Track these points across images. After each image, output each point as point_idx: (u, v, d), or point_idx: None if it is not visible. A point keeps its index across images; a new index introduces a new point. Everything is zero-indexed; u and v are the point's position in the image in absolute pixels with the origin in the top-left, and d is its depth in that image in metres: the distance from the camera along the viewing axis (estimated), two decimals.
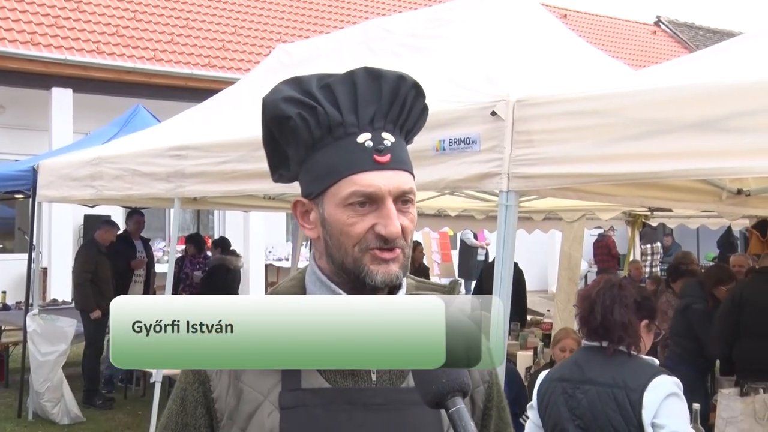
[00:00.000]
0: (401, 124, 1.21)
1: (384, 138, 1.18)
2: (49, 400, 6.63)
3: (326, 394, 1.16)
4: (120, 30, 12.28)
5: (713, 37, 20.78)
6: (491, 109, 3.05)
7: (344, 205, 1.16)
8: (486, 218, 7.63)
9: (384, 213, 1.16)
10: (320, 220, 1.21)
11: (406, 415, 1.16)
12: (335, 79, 1.19)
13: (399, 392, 1.18)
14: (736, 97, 2.49)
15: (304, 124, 1.17)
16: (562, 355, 4.78)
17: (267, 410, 1.16)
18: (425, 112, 1.27)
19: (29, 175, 6.89)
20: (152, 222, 13.10)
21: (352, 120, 1.17)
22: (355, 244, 1.17)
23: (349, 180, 1.16)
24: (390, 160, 1.17)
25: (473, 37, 4.06)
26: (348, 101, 1.18)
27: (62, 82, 11.28)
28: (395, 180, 1.17)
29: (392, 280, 1.18)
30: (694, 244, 15.67)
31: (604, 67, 4.36)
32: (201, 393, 1.20)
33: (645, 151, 2.68)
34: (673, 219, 8.63)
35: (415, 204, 1.21)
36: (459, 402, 1.00)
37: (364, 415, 1.15)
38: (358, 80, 1.19)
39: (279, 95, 1.19)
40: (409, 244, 1.20)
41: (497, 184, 3.04)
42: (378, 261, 1.16)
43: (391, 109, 1.20)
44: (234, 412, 1.18)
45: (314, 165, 1.20)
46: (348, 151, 1.16)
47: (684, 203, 4.11)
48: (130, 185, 5.40)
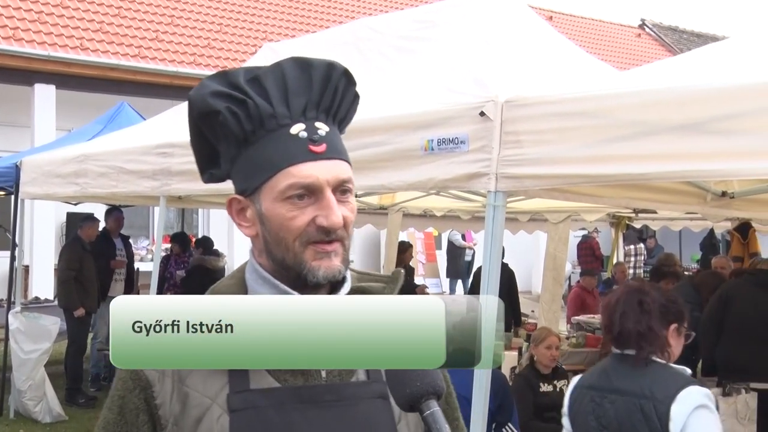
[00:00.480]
0: (334, 113, 1.19)
1: (318, 128, 1.15)
2: (32, 398, 6.57)
3: (276, 393, 1.13)
4: (104, 26, 12.19)
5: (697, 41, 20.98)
6: (480, 110, 3.05)
7: (282, 198, 1.14)
8: (472, 218, 7.66)
9: (324, 204, 1.13)
10: (257, 216, 1.18)
11: (358, 410, 1.15)
12: (263, 71, 1.17)
13: (349, 387, 1.17)
14: (723, 99, 2.51)
15: (234, 118, 1.14)
16: (549, 353, 4.80)
17: (216, 414, 1.12)
18: (356, 100, 1.24)
19: (12, 171, 6.82)
20: (136, 220, 13.02)
21: (284, 111, 1.15)
22: (295, 239, 1.14)
23: (286, 172, 1.13)
24: (326, 149, 1.14)
25: (461, 37, 4.07)
26: (278, 92, 1.15)
27: (45, 78, 11.19)
28: (333, 169, 1.14)
29: (335, 275, 1.15)
30: (677, 246, 15.81)
31: (591, 68, 4.38)
32: (142, 400, 1.14)
33: (632, 153, 2.69)
34: (657, 221, 8.72)
35: (354, 194, 1.19)
36: (433, 405, 0.99)
37: (316, 413, 1.13)
38: (287, 71, 1.17)
39: (206, 90, 1.15)
40: (350, 235, 1.18)
41: (485, 185, 3.05)
42: (319, 256, 1.14)
43: (323, 98, 1.17)
44: (180, 418, 1.13)
45: (248, 160, 1.16)
46: (282, 144, 1.14)
47: (670, 205, 4.15)
48: (116, 183, 5.36)
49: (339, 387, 1.16)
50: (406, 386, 1.00)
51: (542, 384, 4.74)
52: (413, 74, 3.94)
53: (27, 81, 11.17)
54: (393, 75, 4.05)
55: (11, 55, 10.78)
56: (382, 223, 8.40)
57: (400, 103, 3.58)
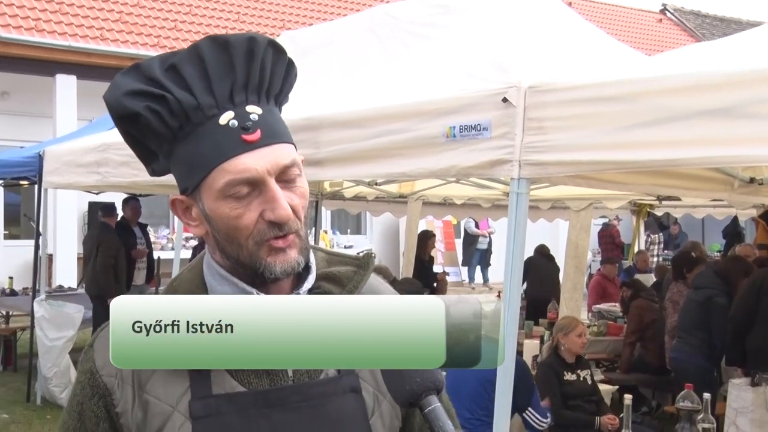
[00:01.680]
0: (267, 91, 1.09)
1: (249, 112, 1.05)
2: (57, 385, 6.65)
3: (241, 398, 1.07)
4: (124, 17, 12.24)
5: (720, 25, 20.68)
6: (503, 96, 3.01)
7: (224, 197, 1.05)
8: (492, 206, 7.61)
9: (269, 196, 1.05)
10: (203, 215, 1.10)
11: (327, 408, 1.10)
12: (179, 58, 1.07)
13: (317, 385, 1.11)
14: (752, 83, 2.46)
15: (156, 117, 1.04)
16: (580, 341, 4.76)
17: (177, 422, 1.06)
18: (291, 69, 1.14)
19: (35, 161, 6.88)
20: (156, 209, 13.09)
21: (209, 101, 1.05)
22: (247, 237, 1.06)
23: (221, 169, 1.04)
24: (261, 136, 1.05)
25: (481, 23, 4.02)
26: (199, 80, 1.05)
27: (66, 69, 11.26)
28: (271, 157, 1.05)
29: (293, 268, 1.09)
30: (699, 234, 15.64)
31: (615, 53, 4.32)
32: (102, 408, 1.09)
33: (658, 139, 2.65)
34: (679, 208, 8.61)
35: (302, 175, 1.10)
36: (434, 401, 0.96)
37: (282, 417, 1.07)
38: (206, 54, 1.06)
39: (120, 90, 1.05)
40: (303, 219, 1.09)
41: (508, 172, 3.01)
42: (275, 251, 1.07)
43: (249, 78, 1.07)
44: (142, 426, 1.07)
45: (181, 157, 1.07)
46: (212, 137, 1.04)
47: (695, 192, 4.08)
48: (136, 172, 5.38)
49: (306, 387, 1.10)
50: (405, 383, 0.97)
51: (566, 372, 4.72)
52: (433, 60, 3.90)
53: (48, 71, 11.25)
54: (412, 61, 4.02)
55: (33, 45, 10.86)
56: (401, 212, 8.38)
57: (420, 89, 3.55)
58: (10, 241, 12.22)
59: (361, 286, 1.18)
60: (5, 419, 6.28)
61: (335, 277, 1.18)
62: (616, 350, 6.83)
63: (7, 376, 7.86)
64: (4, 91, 12.05)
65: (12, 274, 9.29)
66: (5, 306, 8.76)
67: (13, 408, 6.41)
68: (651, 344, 6.46)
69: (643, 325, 6.52)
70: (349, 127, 3.63)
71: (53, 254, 10.98)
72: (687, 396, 3.34)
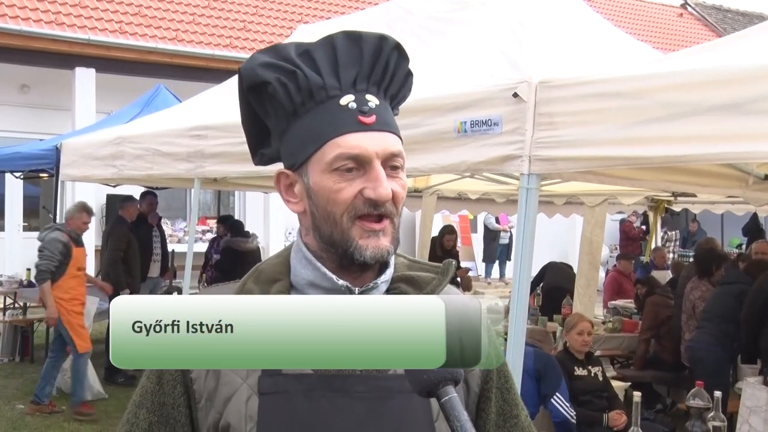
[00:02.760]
0: (385, 87, 1.16)
1: (368, 100, 1.12)
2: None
3: (308, 380, 1.11)
4: (142, 10, 12.31)
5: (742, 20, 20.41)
6: (513, 91, 3.00)
7: (330, 170, 1.10)
8: (506, 201, 7.58)
9: (372, 176, 1.10)
10: (305, 191, 1.14)
11: (392, 404, 1.11)
12: (314, 45, 1.15)
13: (385, 379, 1.12)
14: (763, 79, 2.43)
15: (284, 89, 1.12)
16: (581, 339, 4.75)
17: (245, 395, 1.11)
18: (410, 77, 1.21)
19: (53, 154, 6.96)
20: (174, 202, 13.19)
21: (334, 83, 1.12)
22: (343, 212, 1.10)
23: (334, 143, 1.10)
24: (375, 121, 1.11)
25: (495, 18, 4.00)
26: (328, 65, 1.13)
27: (85, 62, 11.36)
28: (382, 141, 1.11)
29: (383, 255, 1.12)
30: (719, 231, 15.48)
31: (630, 49, 4.28)
32: (179, 372, 1.15)
33: (670, 134, 2.63)
34: (697, 204, 8.52)
35: (404, 170, 1.15)
36: (451, 391, 0.96)
37: (346, 403, 1.10)
38: (338, 43, 1.14)
39: (256, 62, 1.14)
40: (399, 213, 1.14)
41: (519, 167, 3.01)
42: (367, 234, 1.10)
43: (373, 71, 1.14)
44: (213, 394, 1.13)
45: (296, 133, 1.14)
46: (331, 114, 1.11)
47: (709, 188, 4.05)
48: (151, 165, 5.43)
49: (373, 378, 1.12)
50: (423, 372, 0.97)
51: (576, 368, 4.70)
52: (446, 56, 3.89)
53: (68, 65, 11.35)
54: (426, 56, 4.00)
55: (53, 39, 10.96)
56: (416, 206, 8.37)
57: (432, 84, 3.54)
58: (29, 233, 12.35)
59: (438, 291, 1.19)
60: (21, 410, 6.36)
61: (414, 280, 1.21)
62: (631, 347, 6.79)
63: (24, 367, 7.96)
64: (24, 84, 12.18)
65: (31, 266, 9.39)
66: (23, 297, 8.86)
67: (29, 399, 6.48)
68: (666, 341, 6.41)
69: (658, 322, 6.48)
70: None
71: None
72: (698, 394, 3.31)
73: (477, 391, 1.23)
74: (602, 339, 6.70)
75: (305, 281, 1.17)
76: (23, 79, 12.04)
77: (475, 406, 1.23)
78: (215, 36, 12.59)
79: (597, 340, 6.45)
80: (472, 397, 1.22)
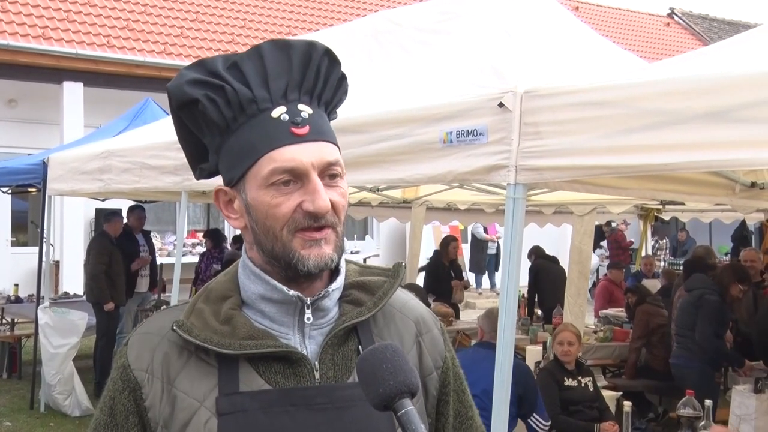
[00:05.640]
0: (318, 95, 1.14)
1: (300, 110, 1.11)
2: (61, 392, 6.66)
3: (266, 396, 1.09)
4: (130, 24, 12.30)
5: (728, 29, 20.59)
6: (499, 101, 3.00)
7: (267, 185, 1.09)
8: (496, 211, 7.59)
9: (310, 188, 1.08)
10: (245, 207, 1.13)
11: (353, 413, 1.10)
12: (242, 56, 1.13)
13: (344, 389, 1.12)
14: (749, 86, 2.43)
15: (213, 105, 1.10)
16: (561, 348, 4.74)
17: (204, 417, 1.09)
18: (343, 81, 1.19)
19: (40, 168, 6.91)
20: (163, 215, 13.14)
21: (264, 95, 1.11)
22: (283, 227, 1.09)
23: (268, 157, 1.08)
24: (309, 131, 1.10)
25: (481, 29, 4.01)
26: (257, 76, 1.11)
27: (73, 76, 11.34)
28: (317, 152, 1.09)
29: (326, 263, 1.11)
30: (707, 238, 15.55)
31: (616, 59, 4.29)
32: (132, 401, 1.12)
33: (655, 143, 2.62)
34: (686, 213, 8.56)
35: (344, 178, 1.14)
36: (408, 404, 0.95)
37: (307, 416, 1.09)
38: (266, 54, 1.13)
39: (183, 79, 1.12)
40: (342, 221, 1.13)
41: (505, 177, 2.99)
42: (309, 244, 1.09)
43: (304, 79, 1.13)
44: (169, 420, 1.10)
45: (231, 149, 1.12)
46: (264, 128, 1.09)
47: (696, 196, 4.05)
48: (138, 178, 5.39)
49: (331, 389, 1.11)
50: (378, 386, 0.96)
51: (566, 378, 4.68)
52: (432, 66, 3.89)
53: (56, 79, 11.32)
54: (412, 67, 4.01)
55: (41, 53, 10.94)
56: (405, 217, 8.37)
57: (418, 95, 3.53)
58: (17, 248, 12.28)
59: (390, 293, 1.20)
60: (8, 427, 6.29)
61: (366, 285, 1.21)
62: (623, 355, 6.78)
63: (12, 384, 7.88)
64: (12, 99, 12.13)
65: (20, 281, 9.33)
66: (10, 313, 8.80)
67: (16, 416, 6.42)
68: (657, 350, 6.40)
69: (649, 331, 6.47)
70: (346, 133, 3.61)
71: (60, 261, 11.03)
72: (688, 402, 3.30)
73: (435, 395, 1.23)
74: (593, 348, 6.70)
75: (256, 295, 1.16)
76: (11, 94, 11.99)
77: (434, 410, 1.24)
78: (203, 49, 12.58)
79: (588, 349, 6.45)
80: (431, 401, 1.23)
